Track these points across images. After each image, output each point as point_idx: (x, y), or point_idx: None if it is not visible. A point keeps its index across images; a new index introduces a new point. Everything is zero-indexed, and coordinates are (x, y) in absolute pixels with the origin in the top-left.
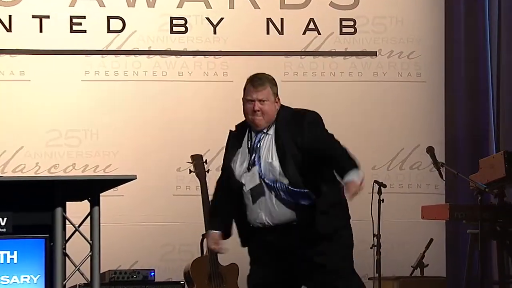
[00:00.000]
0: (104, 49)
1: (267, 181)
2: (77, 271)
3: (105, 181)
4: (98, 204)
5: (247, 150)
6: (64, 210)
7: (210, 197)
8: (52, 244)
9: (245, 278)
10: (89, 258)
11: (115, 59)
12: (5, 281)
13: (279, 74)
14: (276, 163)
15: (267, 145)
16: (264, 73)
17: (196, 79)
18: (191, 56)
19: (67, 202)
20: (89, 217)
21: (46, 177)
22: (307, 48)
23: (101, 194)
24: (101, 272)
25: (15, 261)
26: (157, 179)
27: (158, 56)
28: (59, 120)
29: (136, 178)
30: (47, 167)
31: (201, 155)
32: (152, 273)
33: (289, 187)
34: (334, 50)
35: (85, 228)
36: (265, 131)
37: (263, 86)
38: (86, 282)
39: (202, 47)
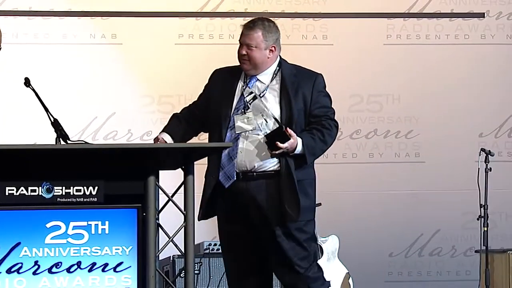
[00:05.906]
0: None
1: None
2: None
3: (198, 149)
4: (192, 173)
5: (240, 91)
6: (157, 179)
7: None
8: (144, 214)
9: None
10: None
11: None
12: (97, 252)
13: (382, 37)
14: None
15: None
16: (265, 18)
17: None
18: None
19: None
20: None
21: (138, 144)
22: (410, 10)
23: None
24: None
25: (107, 231)
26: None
27: None
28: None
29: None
30: (140, 134)
31: None
32: None
33: None
34: (439, 12)
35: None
36: (260, 78)
37: (252, 30)
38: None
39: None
